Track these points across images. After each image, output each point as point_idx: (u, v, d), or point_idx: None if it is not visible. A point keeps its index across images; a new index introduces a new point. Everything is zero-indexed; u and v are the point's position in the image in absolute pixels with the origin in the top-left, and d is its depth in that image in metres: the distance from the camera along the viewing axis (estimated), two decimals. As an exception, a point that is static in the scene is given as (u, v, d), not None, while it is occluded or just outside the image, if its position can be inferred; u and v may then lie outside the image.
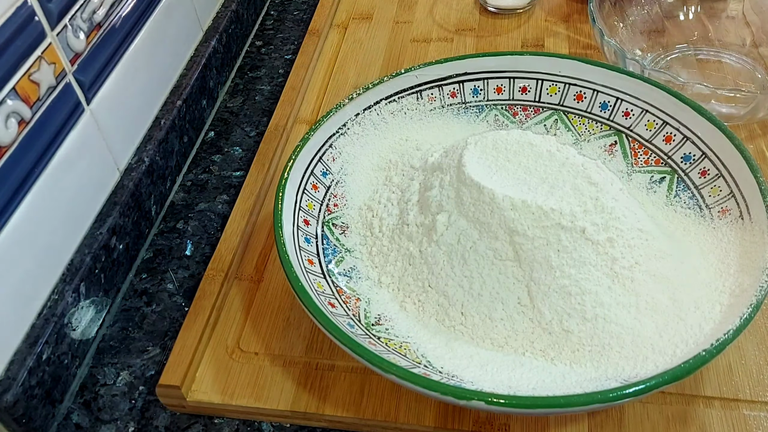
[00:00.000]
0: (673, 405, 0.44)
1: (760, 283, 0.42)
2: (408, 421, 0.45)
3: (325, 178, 0.55)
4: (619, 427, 0.44)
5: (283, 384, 0.47)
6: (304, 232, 0.50)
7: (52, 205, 0.48)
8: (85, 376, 0.51)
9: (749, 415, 0.43)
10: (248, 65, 0.77)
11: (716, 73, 0.67)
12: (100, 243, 0.52)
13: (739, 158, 0.49)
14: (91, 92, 0.52)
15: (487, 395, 0.38)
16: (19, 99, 0.44)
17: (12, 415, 0.44)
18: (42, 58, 0.46)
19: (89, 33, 0.52)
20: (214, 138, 0.69)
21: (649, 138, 0.55)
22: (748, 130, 0.61)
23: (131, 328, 0.54)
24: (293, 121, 0.66)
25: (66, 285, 0.49)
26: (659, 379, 0.37)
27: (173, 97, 0.64)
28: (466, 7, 0.78)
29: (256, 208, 0.58)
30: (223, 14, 0.73)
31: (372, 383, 0.47)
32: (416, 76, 0.59)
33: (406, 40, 0.75)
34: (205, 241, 0.60)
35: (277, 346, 0.49)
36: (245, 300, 0.52)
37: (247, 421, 0.47)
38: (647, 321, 0.44)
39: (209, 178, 0.65)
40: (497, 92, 0.60)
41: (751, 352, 0.46)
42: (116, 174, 0.57)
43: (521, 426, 0.44)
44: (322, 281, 0.48)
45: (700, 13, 0.72)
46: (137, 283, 0.57)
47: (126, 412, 0.49)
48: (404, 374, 0.39)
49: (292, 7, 0.85)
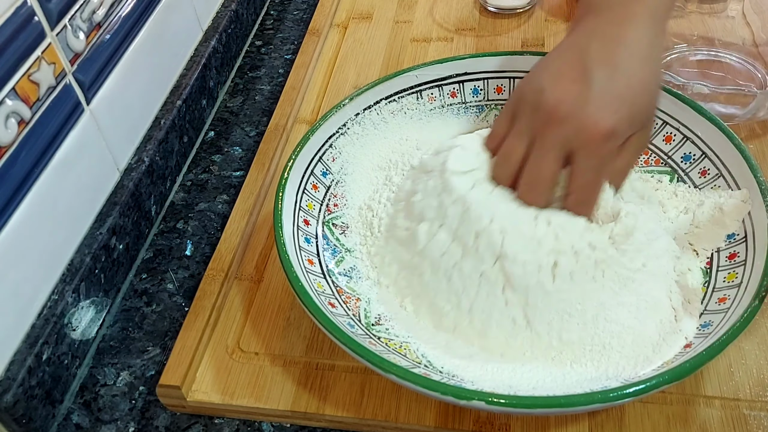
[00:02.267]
0: (674, 405, 0.44)
1: (761, 283, 0.42)
2: (408, 421, 0.45)
3: (325, 178, 0.55)
4: (620, 427, 0.44)
5: (283, 384, 0.47)
6: (304, 232, 0.50)
7: (52, 205, 0.48)
8: (85, 376, 0.51)
9: (749, 414, 0.43)
10: (248, 65, 0.77)
11: (716, 73, 0.67)
12: (100, 243, 0.52)
13: (739, 158, 0.49)
14: (91, 92, 0.52)
15: (487, 395, 0.38)
16: (19, 99, 0.44)
17: (12, 415, 0.44)
18: (42, 58, 0.46)
19: (89, 33, 0.52)
20: (214, 138, 0.69)
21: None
22: (748, 130, 0.61)
23: (131, 328, 0.54)
24: (293, 121, 0.66)
25: (66, 285, 0.49)
26: (659, 379, 0.37)
27: (173, 97, 0.64)
28: (466, 7, 0.78)
29: (256, 208, 0.58)
30: (223, 14, 0.73)
31: (372, 383, 0.47)
32: (416, 75, 0.59)
33: (406, 40, 0.75)
34: (205, 241, 0.60)
35: (277, 346, 0.49)
36: (245, 300, 0.52)
37: (247, 421, 0.47)
38: (648, 321, 0.44)
39: (209, 178, 0.65)
40: (497, 92, 0.60)
41: (751, 352, 0.46)
42: (116, 174, 0.57)
43: (521, 426, 0.44)
44: (322, 281, 0.48)
45: (700, 13, 0.72)
46: (137, 283, 0.57)
47: (126, 413, 0.49)
48: (404, 374, 0.39)
49: (292, 7, 0.85)
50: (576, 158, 0.43)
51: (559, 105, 0.42)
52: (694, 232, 0.49)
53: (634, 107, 0.43)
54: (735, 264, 0.46)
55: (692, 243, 0.49)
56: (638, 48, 0.43)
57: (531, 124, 0.44)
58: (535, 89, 0.44)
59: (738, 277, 0.45)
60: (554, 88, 0.43)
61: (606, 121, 0.41)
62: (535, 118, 0.44)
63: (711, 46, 0.69)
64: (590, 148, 0.42)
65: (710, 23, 0.71)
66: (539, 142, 0.43)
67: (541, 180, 0.44)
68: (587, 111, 0.42)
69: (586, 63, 0.43)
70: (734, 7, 0.71)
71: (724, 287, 0.45)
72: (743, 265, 0.45)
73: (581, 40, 0.45)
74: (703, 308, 0.45)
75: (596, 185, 0.44)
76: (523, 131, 0.45)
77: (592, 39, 0.44)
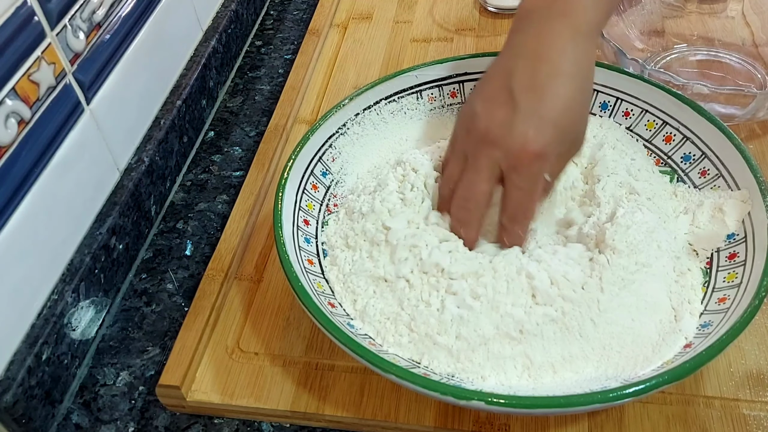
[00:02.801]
0: (673, 405, 0.44)
1: (761, 283, 0.42)
2: (408, 421, 0.45)
3: (325, 178, 0.55)
4: (620, 427, 0.44)
5: (283, 384, 0.47)
6: (304, 232, 0.50)
7: (52, 205, 0.48)
8: (84, 376, 0.51)
9: (749, 415, 0.43)
10: (248, 65, 0.77)
11: (716, 73, 0.67)
12: (99, 243, 0.52)
13: (739, 158, 0.49)
14: (90, 92, 0.52)
15: (487, 395, 0.38)
16: (19, 99, 0.44)
17: (12, 415, 0.44)
18: (42, 58, 0.46)
19: (89, 33, 0.52)
20: (214, 138, 0.69)
21: (649, 138, 0.55)
22: (748, 130, 0.61)
23: (131, 328, 0.54)
24: (293, 121, 0.66)
25: (66, 285, 0.49)
26: (659, 379, 0.37)
27: (173, 97, 0.64)
28: (466, 7, 0.78)
29: (256, 208, 0.58)
30: (223, 14, 0.73)
31: (372, 383, 0.47)
32: (416, 76, 0.59)
33: (406, 40, 0.75)
34: (205, 241, 0.60)
35: (277, 346, 0.49)
36: (245, 300, 0.52)
37: (247, 421, 0.47)
38: (648, 321, 0.44)
39: (209, 178, 0.65)
40: (497, 92, 0.60)
41: (751, 352, 0.46)
42: (116, 174, 0.57)
43: (521, 426, 0.44)
44: (322, 281, 0.48)
45: (699, 13, 0.72)
46: (137, 283, 0.57)
47: (126, 412, 0.49)
48: (404, 374, 0.39)
49: (292, 7, 0.85)
50: (507, 178, 0.45)
51: (489, 129, 0.45)
52: (694, 232, 0.49)
53: (559, 127, 0.44)
54: (735, 264, 0.46)
55: (692, 243, 0.49)
56: (561, 65, 0.44)
57: (465, 147, 0.47)
58: (469, 114, 0.47)
59: (738, 277, 0.45)
60: (484, 113, 0.45)
61: (532, 144, 0.43)
62: (468, 141, 0.47)
63: (711, 46, 0.69)
64: (520, 169, 0.44)
65: (710, 23, 0.71)
66: (471, 162, 0.46)
67: (471, 198, 0.46)
68: (513, 134, 0.44)
69: (512, 86, 0.45)
70: (734, 7, 0.71)
71: (724, 287, 0.45)
72: (743, 265, 0.45)
73: (508, 61, 0.46)
74: (703, 308, 0.45)
75: (528, 203, 0.46)
76: (460, 154, 0.47)
77: (518, 59, 0.46)
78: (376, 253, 0.47)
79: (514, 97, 0.44)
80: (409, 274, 0.46)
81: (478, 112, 0.46)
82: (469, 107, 0.47)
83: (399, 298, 0.45)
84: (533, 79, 0.44)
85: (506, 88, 0.45)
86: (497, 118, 0.44)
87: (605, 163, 0.51)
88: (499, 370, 0.42)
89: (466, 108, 0.48)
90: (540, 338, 0.43)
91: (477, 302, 0.44)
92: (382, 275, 0.46)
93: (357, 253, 0.48)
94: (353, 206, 0.51)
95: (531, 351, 0.43)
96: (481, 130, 0.45)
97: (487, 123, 0.45)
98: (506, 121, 0.44)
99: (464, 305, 0.44)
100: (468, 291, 0.44)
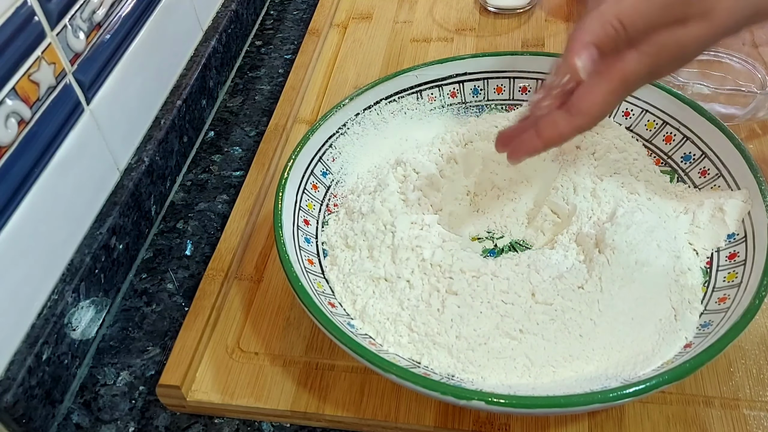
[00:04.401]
0: (673, 405, 0.44)
1: (761, 283, 0.42)
2: (408, 421, 0.45)
3: (325, 178, 0.55)
4: (620, 427, 0.44)
5: (283, 384, 0.47)
6: (304, 232, 0.50)
7: (52, 205, 0.48)
8: (85, 376, 0.51)
9: (749, 414, 0.43)
10: (248, 65, 0.77)
11: (716, 73, 0.67)
12: (100, 243, 0.52)
13: (739, 158, 0.49)
14: (90, 92, 0.52)
15: (487, 395, 0.38)
16: (19, 99, 0.44)
17: (12, 415, 0.44)
18: (42, 58, 0.46)
19: (89, 33, 0.52)
20: (214, 138, 0.69)
21: (649, 138, 0.55)
22: (748, 130, 0.61)
23: (131, 328, 0.54)
24: (293, 120, 0.66)
25: (66, 285, 0.49)
26: (659, 379, 0.37)
27: (173, 97, 0.64)
28: (466, 7, 0.78)
29: (256, 208, 0.58)
30: (223, 14, 0.73)
31: (372, 383, 0.47)
32: (416, 76, 0.59)
33: (406, 40, 0.75)
34: (205, 241, 0.60)
35: (277, 346, 0.49)
36: (245, 300, 0.52)
37: (247, 421, 0.47)
38: (648, 320, 0.44)
39: (209, 178, 0.65)
40: (497, 92, 0.60)
41: (751, 352, 0.46)
42: (116, 174, 0.57)
43: (521, 426, 0.44)
44: (322, 281, 0.48)
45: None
46: (137, 283, 0.57)
47: (126, 412, 0.49)
48: (404, 374, 0.39)
49: (292, 7, 0.85)
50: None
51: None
52: (694, 232, 0.49)
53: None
54: (735, 264, 0.46)
55: (692, 243, 0.49)
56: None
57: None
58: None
59: (738, 276, 0.45)
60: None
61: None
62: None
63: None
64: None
65: (710, 23, 0.71)
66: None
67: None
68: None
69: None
70: (734, 7, 0.71)
71: (724, 287, 0.45)
72: (743, 265, 0.45)
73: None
74: (703, 308, 0.45)
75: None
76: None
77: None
78: (376, 253, 0.48)
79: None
80: (409, 275, 0.46)
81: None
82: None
83: (399, 298, 0.45)
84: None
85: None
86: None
87: (605, 162, 0.51)
88: (499, 369, 0.42)
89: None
90: (540, 338, 0.43)
91: (477, 302, 0.44)
92: (382, 275, 0.47)
93: (357, 252, 0.49)
94: (353, 206, 0.51)
95: (531, 351, 0.43)
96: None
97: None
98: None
99: (464, 305, 0.44)
100: (468, 291, 0.44)
